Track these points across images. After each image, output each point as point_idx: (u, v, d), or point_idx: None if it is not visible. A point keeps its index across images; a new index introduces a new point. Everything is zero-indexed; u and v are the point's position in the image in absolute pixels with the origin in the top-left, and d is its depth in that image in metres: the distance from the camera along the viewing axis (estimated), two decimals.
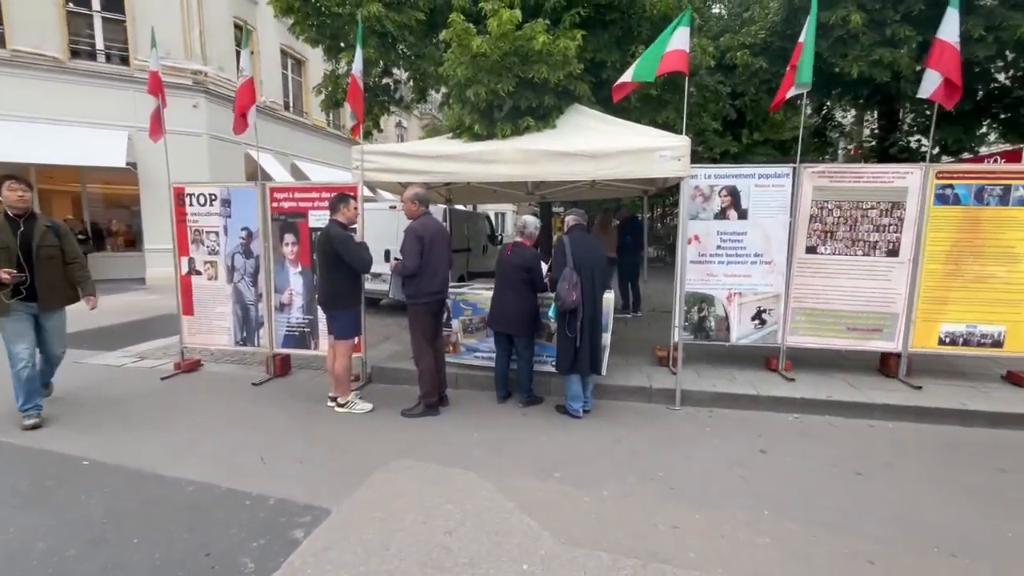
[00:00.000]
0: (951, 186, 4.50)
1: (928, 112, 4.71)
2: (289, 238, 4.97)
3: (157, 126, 4.85)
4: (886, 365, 4.89)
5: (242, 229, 5.06)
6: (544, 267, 4.32)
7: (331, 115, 16.98)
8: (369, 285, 6.63)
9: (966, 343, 4.63)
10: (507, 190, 6.59)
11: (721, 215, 4.81)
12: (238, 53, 10.79)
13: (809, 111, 9.50)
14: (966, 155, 7.06)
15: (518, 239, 4.30)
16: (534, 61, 4.58)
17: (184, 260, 5.19)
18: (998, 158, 12.39)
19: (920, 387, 4.51)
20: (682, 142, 4.10)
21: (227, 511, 2.77)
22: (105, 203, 12.76)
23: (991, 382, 4.72)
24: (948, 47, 4.18)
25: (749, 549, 2.48)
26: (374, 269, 4.36)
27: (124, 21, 11.22)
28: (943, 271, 4.58)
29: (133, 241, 12.58)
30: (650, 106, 6.18)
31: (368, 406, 4.24)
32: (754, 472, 3.26)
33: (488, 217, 11.69)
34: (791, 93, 4.48)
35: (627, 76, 4.52)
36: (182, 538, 2.55)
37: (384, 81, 7.03)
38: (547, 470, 3.25)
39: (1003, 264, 4.50)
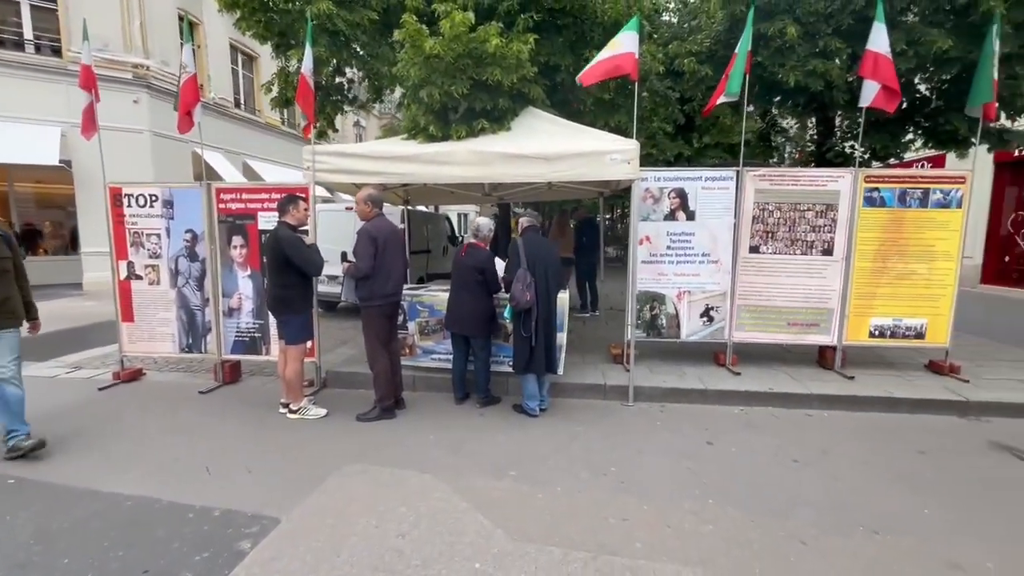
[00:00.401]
0: (877, 189, 4.82)
1: (859, 120, 5.01)
2: (237, 240, 4.80)
3: (90, 123, 4.59)
4: (823, 358, 5.18)
5: (186, 231, 4.84)
6: (500, 268, 4.35)
7: (285, 113, 16.47)
8: (325, 288, 6.49)
9: (893, 335, 4.97)
10: (464, 191, 6.59)
11: (670, 216, 4.97)
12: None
13: (756, 117, 9.96)
14: (894, 161, 7.58)
15: (472, 241, 4.32)
16: (488, 64, 4.61)
17: (122, 264, 4.93)
18: (924, 163, 13.36)
19: (853, 377, 4.80)
20: (631, 146, 4.21)
21: (168, 526, 2.65)
22: (37, 203, 11.91)
23: (915, 371, 5.09)
24: (881, 57, 4.47)
25: (694, 537, 2.59)
26: (329, 271, 4.28)
27: (55, 9, 10.52)
28: (872, 269, 4.90)
29: (69, 244, 11.81)
30: (603, 110, 6.32)
31: (322, 412, 4.15)
32: (701, 464, 3.40)
33: (449, 218, 11.64)
34: (720, 101, 4.72)
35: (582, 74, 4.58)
36: (118, 556, 2.42)
37: (337, 80, 6.90)
38: (503, 469, 3.28)
39: (924, 262, 4.86)
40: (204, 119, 4.62)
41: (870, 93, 4.58)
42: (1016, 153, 10.50)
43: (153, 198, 4.86)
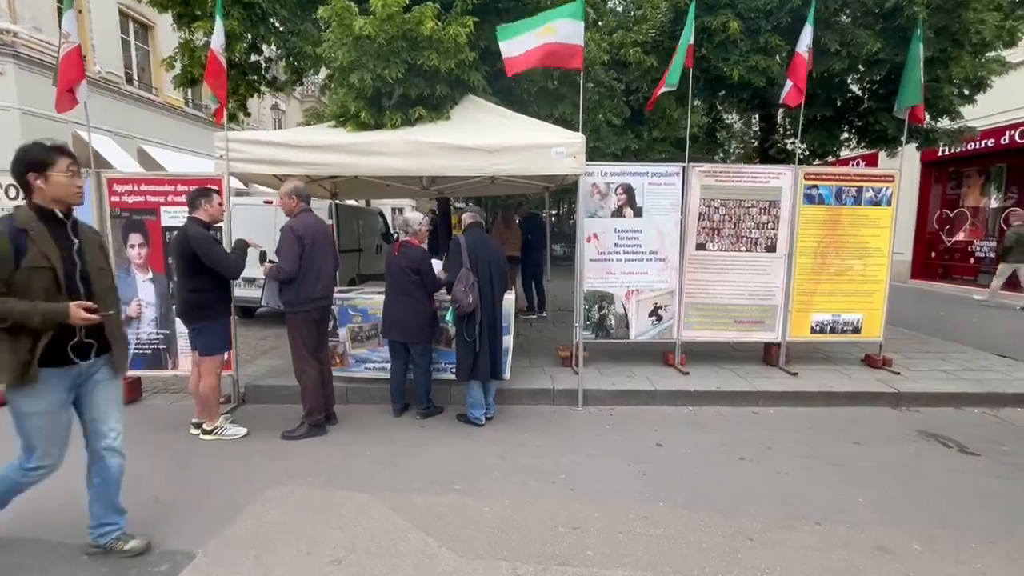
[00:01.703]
0: (816, 187, 5.27)
1: (799, 117, 5.46)
2: (135, 239, 4.51)
3: None
4: (769, 354, 5.59)
5: None
6: (438, 266, 4.36)
7: (189, 93, 15.50)
8: (242, 292, 6.21)
9: (832, 331, 5.45)
10: (400, 184, 6.53)
11: (618, 213, 5.18)
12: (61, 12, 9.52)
13: (702, 112, 10.52)
14: (831, 158, 8.28)
15: (405, 238, 4.31)
16: (423, 47, 4.60)
17: None
18: (859, 161, 14.67)
19: (796, 373, 5.22)
20: (577, 139, 4.36)
21: (61, 569, 2.47)
22: None
23: (851, 365, 5.60)
24: (799, 56, 4.98)
25: (644, 541, 2.73)
26: (248, 273, 4.11)
27: None
28: (812, 265, 5.34)
29: None
30: (547, 100, 6.45)
31: (242, 431, 3.99)
32: (651, 466, 3.58)
33: (382, 213, 11.44)
34: (661, 91, 5.02)
35: (514, 50, 4.53)
36: None
37: (252, 58, 6.61)
38: (447, 483, 3.30)
39: (859, 258, 5.36)
40: (89, 97, 4.30)
41: (785, 91, 5.16)
42: (940, 153, 11.77)
43: None
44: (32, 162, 2.22)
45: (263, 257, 6.93)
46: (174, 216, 4.45)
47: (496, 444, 3.89)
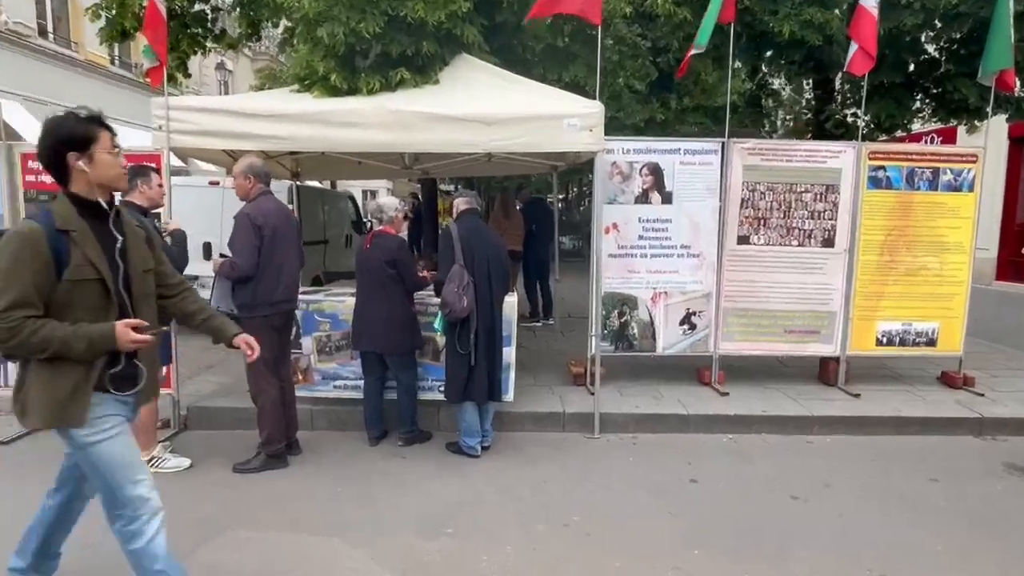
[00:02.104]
0: (883, 168, 5.32)
1: (862, 84, 5.51)
2: None
3: None
4: (825, 372, 5.64)
5: None
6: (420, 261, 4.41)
7: (116, 49, 15.50)
8: None
9: (902, 343, 5.50)
10: (376, 162, 6.56)
11: (643, 198, 5.22)
12: None
13: (744, 76, 10.57)
14: (901, 133, 8.35)
15: (378, 227, 4.34)
16: None
17: None
18: (934, 137, 14.76)
19: (859, 395, 5.27)
20: (594, 108, 4.40)
21: None
22: None
23: (926, 384, 5.66)
24: (866, 14, 4.99)
25: None
26: (191, 270, 4.13)
27: None
28: (878, 263, 5.39)
29: None
30: (556, 60, 6.51)
31: (184, 462, 4.01)
32: (683, 505, 3.61)
33: (353, 198, 11.48)
34: (691, 53, 5.05)
35: None
36: None
37: (197, 7, 6.65)
38: (437, 526, 3.32)
39: (935, 254, 5.41)
40: None
41: (851, 54, 5.14)
42: None
43: None
44: (71, 139, 2.03)
45: (208, 250, 6.98)
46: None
47: (495, 479, 3.91)
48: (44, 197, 4.52)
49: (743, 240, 5.32)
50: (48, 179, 4.58)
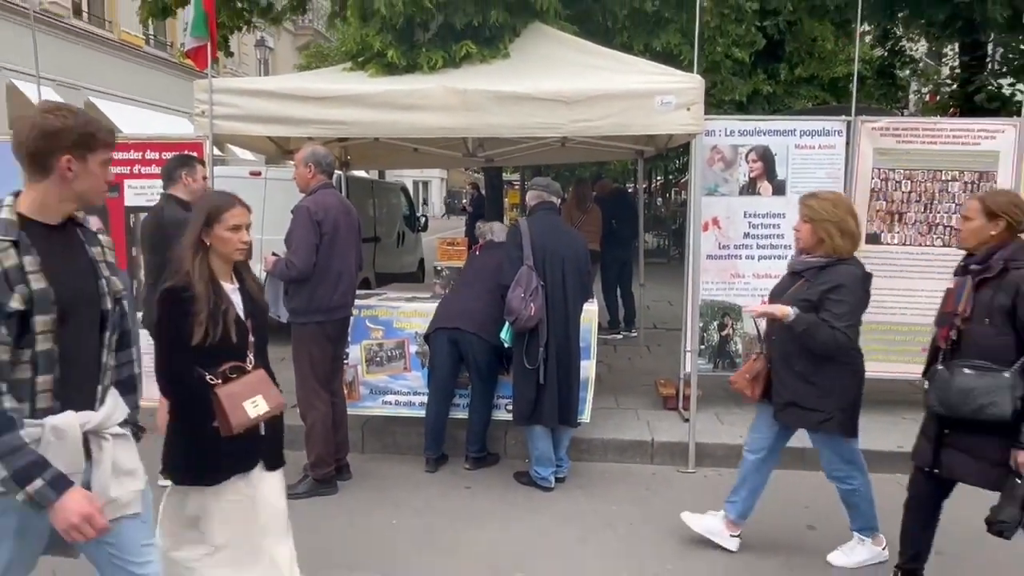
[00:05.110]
0: None
1: None
2: (91, 223, 4.81)
3: None
4: None
5: None
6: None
7: (151, 28, 16.42)
8: None
9: None
10: (435, 149, 6.67)
11: (750, 188, 5.10)
12: None
13: (870, 40, 10.18)
14: None
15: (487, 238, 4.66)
16: None
17: None
18: None
19: None
20: (693, 83, 4.34)
21: None
22: None
23: None
24: None
25: None
26: None
27: None
28: None
29: None
30: (644, 27, 6.46)
31: None
32: (798, 557, 3.49)
33: (405, 189, 11.72)
34: None
35: None
36: None
37: None
38: (503, 571, 3.33)
39: None
40: (26, 36, 4.60)
41: None
42: None
43: None
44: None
45: (249, 246, 7.24)
46: (141, 193, 4.73)
47: (572, 518, 3.89)
48: None
49: (873, 239, 5.12)
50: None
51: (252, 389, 2.27)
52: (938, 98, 11.98)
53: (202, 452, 2.29)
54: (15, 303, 1.65)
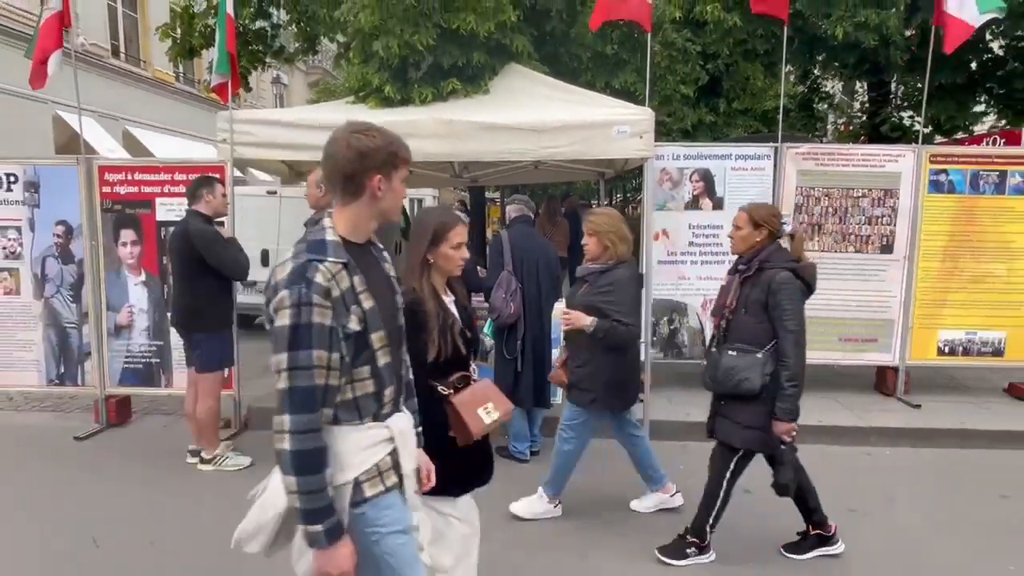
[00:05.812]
0: (945, 171, 5.09)
1: (920, 85, 5.30)
2: (128, 235, 4.75)
3: None
4: (883, 381, 5.42)
5: (58, 223, 4.77)
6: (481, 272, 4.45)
7: (180, 66, 16.21)
8: (244, 298, 6.44)
9: (966, 352, 5.24)
10: (427, 171, 6.65)
11: (693, 204, 5.14)
12: None
13: (793, 79, 10.32)
14: (961, 135, 8.00)
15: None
16: (459, 7, 4.70)
17: None
18: (997, 139, 14.08)
19: (919, 406, 5.04)
20: (644, 115, 4.36)
21: None
22: None
23: (992, 396, 5.37)
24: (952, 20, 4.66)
25: None
26: (249, 276, 4.27)
27: None
28: (939, 270, 5.16)
29: None
30: (605, 67, 6.48)
31: (245, 461, 4.12)
32: (732, 513, 3.51)
33: (402, 207, 11.65)
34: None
35: None
36: None
37: (258, 24, 6.89)
38: (485, 531, 3.32)
39: (1002, 261, 5.14)
40: (71, 73, 4.54)
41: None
42: None
43: (11, 179, 4.76)
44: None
45: (265, 257, 7.19)
46: (171, 209, 4.66)
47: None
48: (118, 206, 4.75)
49: None
50: (122, 190, 4.82)
51: (483, 396, 2.10)
52: (851, 128, 12.19)
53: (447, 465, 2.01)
54: (353, 324, 1.52)
